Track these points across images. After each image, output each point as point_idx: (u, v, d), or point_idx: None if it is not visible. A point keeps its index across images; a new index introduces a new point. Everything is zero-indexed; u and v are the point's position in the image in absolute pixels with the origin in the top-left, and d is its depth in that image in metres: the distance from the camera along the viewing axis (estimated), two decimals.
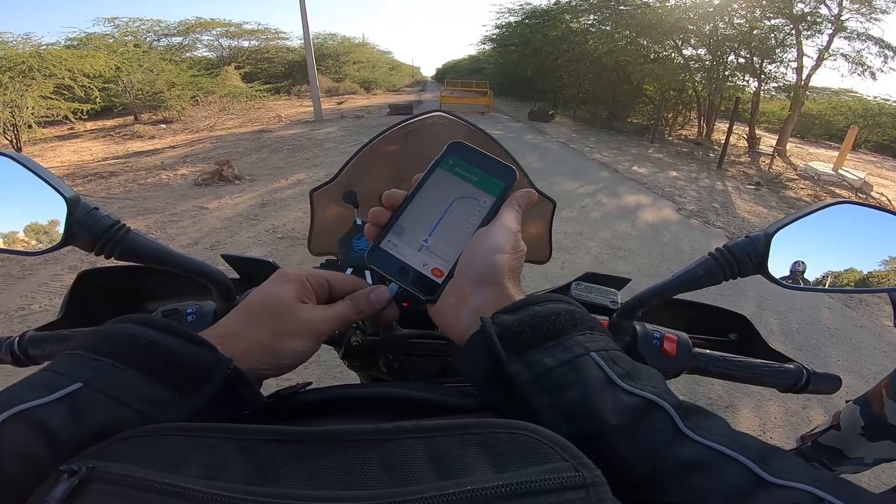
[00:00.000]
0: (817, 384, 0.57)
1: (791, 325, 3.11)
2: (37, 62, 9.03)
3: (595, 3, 15.63)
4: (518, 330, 0.32)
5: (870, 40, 10.49)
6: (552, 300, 0.35)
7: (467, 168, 0.42)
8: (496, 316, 0.33)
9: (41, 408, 0.26)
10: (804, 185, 8.06)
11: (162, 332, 0.31)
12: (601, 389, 0.30)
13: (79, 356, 0.30)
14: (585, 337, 0.32)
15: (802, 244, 0.47)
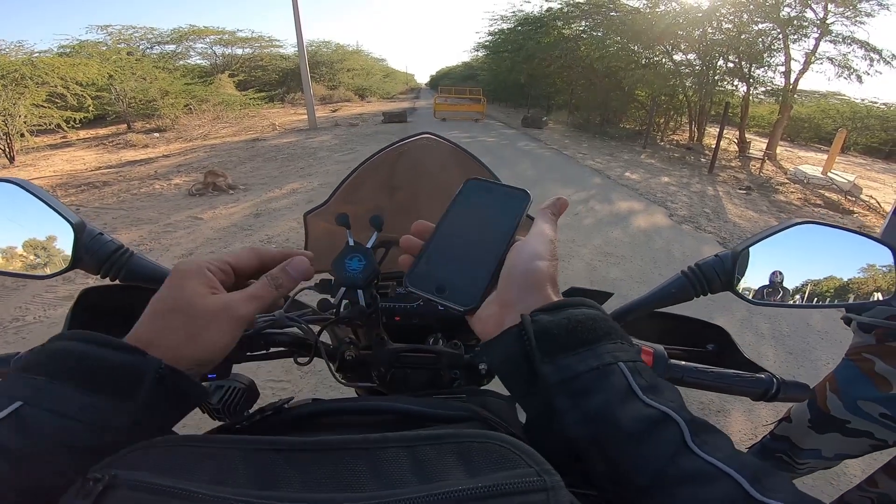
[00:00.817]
0: (787, 392, 0.60)
1: (782, 329, 3.16)
2: (29, 70, 9.03)
3: (586, 9, 15.78)
4: (554, 332, 0.34)
5: (855, 43, 10.65)
6: (587, 305, 0.37)
7: (485, 196, 0.46)
8: (535, 314, 0.35)
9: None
10: (794, 188, 8.16)
11: (92, 345, 0.33)
12: (623, 399, 0.32)
13: (15, 376, 0.31)
14: (615, 346, 0.34)
15: (769, 262, 0.50)
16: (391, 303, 0.71)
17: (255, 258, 0.42)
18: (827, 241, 0.50)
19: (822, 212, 6.76)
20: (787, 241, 0.49)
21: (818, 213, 6.71)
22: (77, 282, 3.36)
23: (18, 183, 0.40)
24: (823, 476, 1.91)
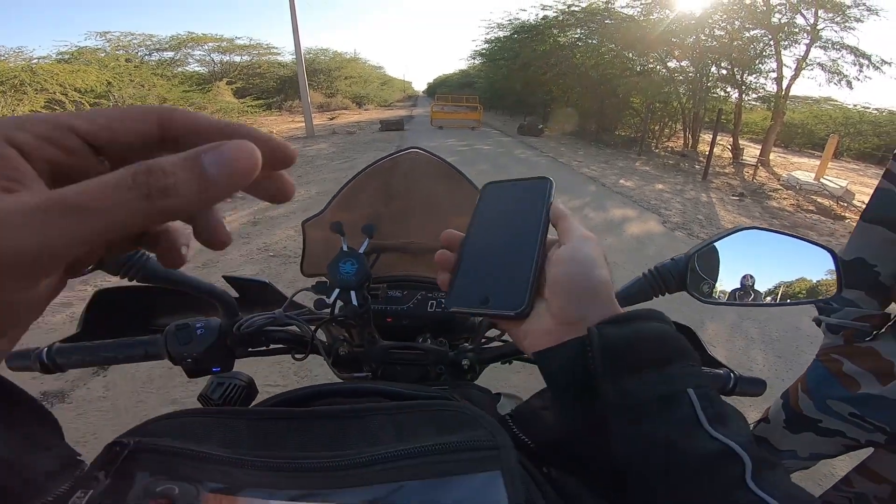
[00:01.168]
0: (744, 387, 0.66)
1: (771, 334, 3.21)
2: (28, 76, 9.11)
3: (581, 17, 15.95)
4: (621, 349, 0.31)
5: (845, 49, 10.84)
6: (656, 317, 0.34)
7: (507, 196, 0.44)
8: (602, 327, 0.32)
9: None
10: (787, 194, 8.26)
11: None
12: (688, 430, 0.29)
13: None
14: (685, 369, 0.32)
15: (722, 264, 0.56)
16: (382, 305, 0.77)
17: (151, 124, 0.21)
18: (774, 245, 0.55)
19: (815, 217, 6.85)
20: (737, 245, 0.54)
21: (811, 218, 6.79)
22: (75, 288, 3.39)
23: None
24: (813, 479, 1.96)
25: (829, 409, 1.04)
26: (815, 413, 1.07)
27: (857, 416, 0.99)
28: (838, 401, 1.02)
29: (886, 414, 0.96)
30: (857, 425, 1.00)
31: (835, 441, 1.07)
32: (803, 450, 1.14)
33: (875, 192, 0.99)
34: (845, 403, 1.00)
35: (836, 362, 1.03)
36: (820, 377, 1.07)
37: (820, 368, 1.07)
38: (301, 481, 0.30)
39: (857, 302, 1.02)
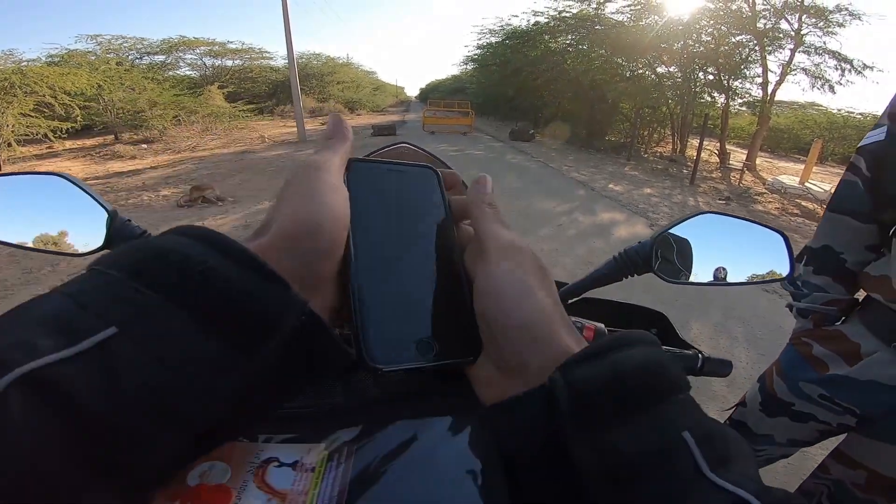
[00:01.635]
0: (711, 368, 0.69)
1: (755, 333, 3.28)
2: (18, 79, 9.06)
3: (572, 23, 16.13)
4: (595, 396, 0.24)
5: (827, 54, 11.10)
6: (634, 341, 0.26)
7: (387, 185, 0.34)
8: (568, 370, 0.24)
9: (62, 365, 0.18)
10: (772, 198, 8.41)
11: (221, 256, 0.22)
12: (688, 485, 0.23)
13: (114, 281, 0.21)
14: (677, 407, 0.25)
15: (683, 247, 0.60)
16: None
17: None
18: (731, 229, 0.60)
19: (799, 220, 6.98)
20: (698, 229, 0.59)
21: (795, 221, 6.93)
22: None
23: (63, 176, 0.49)
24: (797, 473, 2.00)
25: (800, 392, 1.07)
26: (788, 396, 1.10)
27: (826, 397, 1.03)
28: (808, 383, 1.05)
29: (854, 395, 0.99)
30: (827, 408, 1.03)
31: (808, 426, 1.10)
32: (780, 435, 1.16)
33: (839, 184, 1.05)
34: (815, 385, 1.04)
35: (807, 345, 1.07)
36: (792, 360, 1.10)
37: (792, 352, 1.11)
38: (294, 426, 0.33)
39: (825, 287, 1.07)
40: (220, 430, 0.23)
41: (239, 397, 0.22)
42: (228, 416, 0.22)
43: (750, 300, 3.75)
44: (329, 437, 0.31)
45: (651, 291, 3.36)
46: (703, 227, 0.59)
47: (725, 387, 2.57)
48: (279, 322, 0.22)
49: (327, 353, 0.25)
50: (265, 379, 0.23)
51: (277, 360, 0.23)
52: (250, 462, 0.29)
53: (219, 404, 0.21)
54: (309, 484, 0.28)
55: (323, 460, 0.29)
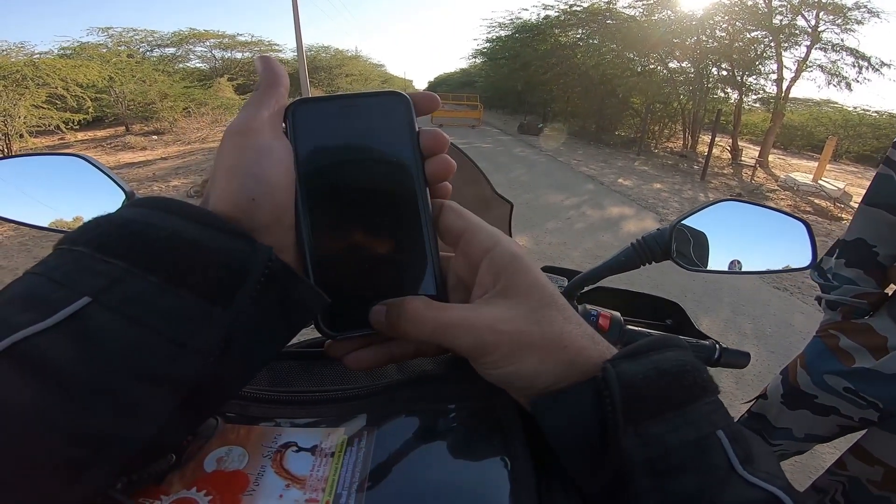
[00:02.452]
0: (729, 359, 0.69)
1: (764, 329, 3.25)
2: (31, 71, 9.11)
3: (583, 17, 15.95)
4: (642, 390, 0.25)
5: (845, 51, 10.88)
6: (671, 345, 0.28)
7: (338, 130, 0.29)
8: (617, 363, 0.26)
9: (40, 336, 0.19)
10: (784, 195, 8.31)
11: (184, 220, 0.23)
12: (722, 479, 0.25)
13: (81, 255, 0.22)
14: (710, 406, 0.27)
15: (702, 234, 0.59)
16: None
17: None
18: (752, 217, 0.59)
19: (812, 218, 6.88)
20: (717, 217, 0.58)
21: (808, 219, 6.81)
22: None
23: (83, 157, 0.49)
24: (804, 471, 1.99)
25: (824, 384, 1.06)
26: (811, 388, 1.09)
27: (851, 390, 1.01)
28: (834, 375, 1.04)
29: (879, 388, 0.98)
30: (851, 401, 1.02)
31: (830, 420, 1.09)
32: (799, 429, 1.15)
33: (875, 177, 1.03)
34: (840, 377, 1.03)
35: (833, 337, 1.06)
36: (817, 352, 1.09)
37: (818, 344, 1.10)
38: (312, 411, 0.33)
39: (856, 280, 1.06)
40: (207, 391, 0.23)
41: (219, 350, 0.22)
42: (212, 372, 0.22)
43: (760, 296, 3.72)
44: (348, 422, 0.31)
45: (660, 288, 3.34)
46: (723, 214, 0.58)
47: (734, 383, 2.56)
48: (247, 270, 0.23)
49: (302, 299, 0.25)
50: (244, 329, 0.23)
51: (252, 309, 0.23)
52: (268, 446, 0.28)
53: (199, 358, 0.21)
54: (328, 469, 0.27)
55: (342, 445, 0.28)
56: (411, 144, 0.29)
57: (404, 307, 0.28)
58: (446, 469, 0.29)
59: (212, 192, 0.26)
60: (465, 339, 0.27)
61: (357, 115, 0.29)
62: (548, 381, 0.27)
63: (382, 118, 0.29)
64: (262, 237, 0.25)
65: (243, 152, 0.26)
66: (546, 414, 0.27)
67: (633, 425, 0.25)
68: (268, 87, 0.28)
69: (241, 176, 0.25)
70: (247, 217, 0.25)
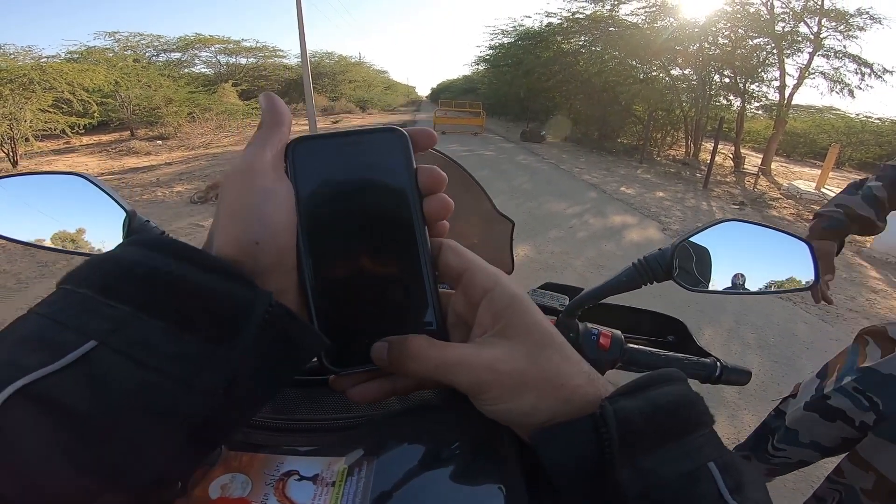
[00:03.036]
0: (730, 376, 0.68)
1: (768, 340, 3.23)
2: (38, 75, 9.18)
3: (586, 24, 16.03)
4: (639, 425, 0.26)
5: (847, 58, 10.91)
6: (666, 380, 0.29)
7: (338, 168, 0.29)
8: (615, 400, 0.27)
9: (51, 378, 0.20)
10: (787, 203, 8.29)
11: (184, 262, 0.24)
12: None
13: (86, 298, 0.23)
14: (704, 438, 0.28)
15: (704, 254, 0.59)
16: None
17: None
18: (754, 237, 0.59)
19: None
20: (719, 236, 0.58)
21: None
22: None
23: (83, 175, 0.49)
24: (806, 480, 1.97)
25: (840, 386, 1.07)
26: (830, 389, 1.09)
27: (858, 390, 1.03)
28: (849, 375, 1.06)
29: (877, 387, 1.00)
30: (857, 402, 1.03)
31: (835, 427, 1.09)
32: (805, 434, 1.15)
33: None
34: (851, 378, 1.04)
35: (864, 341, 1.10)
36: (851, 354, 1.12)
37: (854, 347, 1.13)
38: (314, 439, 0.33)
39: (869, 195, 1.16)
40: (214, 425, 0.23)
41: (225, 388, 0.23)
42: (218, 408, 0.23)
43: (763, 307, 3.70)
44: (349, 451, 0.31)
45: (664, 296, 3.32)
46: (725, 234, 0.58)
47: (736, 392, 2.54)
48: (248, 314, 0.23)
49: (302, 338, 0.26)
50: (247, 368, 0.24)
51: (255, 349, 0.24)
52: (270, 474, 0.28)
53: (205, 397, 0.22)
54: (329, 499, 0.27)
55: (343, 474, 0.29)
56: (409, 182, 0.29)
57: (407, 345, 0.29)
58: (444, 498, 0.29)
59: (216, 235, 0.26)
60: (465, 378, 0.28)
61: (356, 152, 0.29)
62: (544, 417, 0.28)
63: (381, 155, 0.29)
64: (266, 279, 0.26)
65: (247, 195, 0.26)
66: (546, 447, 0.28)
67: (629, 459, 0.26)
68: (271, 126, 0.28)
69: (245, 220, 0.26)
70: (251, 260, 0.26)
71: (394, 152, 0.29)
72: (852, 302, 4.12)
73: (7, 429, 0.18)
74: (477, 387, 0.28)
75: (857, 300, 4.20)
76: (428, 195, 0.30)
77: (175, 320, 0.22)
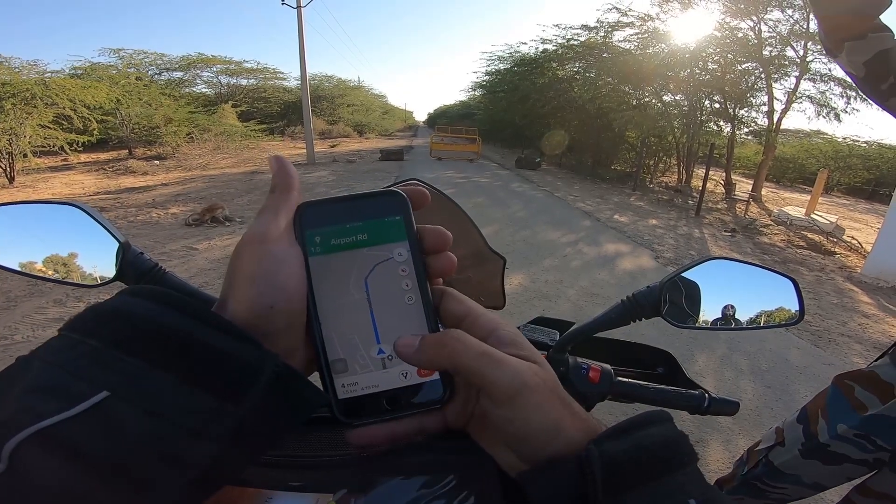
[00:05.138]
0: (718, 407, 0.69)
1: (760, 365, 3.23)
2: (41, 90, 9.20)
3: (580, 51, 16.33)
4: (624, 466, 0.28)
5: (833, 81, 11.06)
6: (654, 421, 0.31)
7: (343, 230, 0.31)
8: (601, 443, 0.28)
9: (66, 423, 0.21)
10: (778, 230, 8.39)
11: (196, 321, 0.25)
12: None
13: (96, 350, 0.24)
14: (686, 476, 0.29)
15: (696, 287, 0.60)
16: None
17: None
18: (740, 274, 0.60)
19: (805, 253, 6.93)
20: (706, 274, 0.59)
21: (801, 254, 6.88)
22: (68, 304, 3.40)
23: (78, 205, 0.49)
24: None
25: (836, 434, 1.07)
26: (826, 439, 1.09)
27: (861, 435, 1.03)
28: (845, 425, 1.06)
29: (887, 432, 1.00)
30: (861, 446, 1.03)
31: (841, 469, 1.09)
32: (808, 477, 1.15)
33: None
34: (850, 427, 1.05)
35: (850, 388, 1.09)
36: (836, 401, 1.11)
37: (836, 392, 1.12)
38: (303, 475, 0.33)
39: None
40: (219, 471, 0.25)
41: (231, 439, 0.24)
42: (224, 456, 0.24)
43: (756, 334, 3.71)
44: (337, 488, 0.31)
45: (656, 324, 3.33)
46: (712, 272, 0.59)
47: (732, 419, 2.53)
48: (256, 375, 0.25)
49: (304, 395, 0.27)
50: (254, 421, 0.25)
51: (262, 405, 0.25)
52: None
53: (213, 447, 0.23)
54: None
55: None
56: (412, 238, 0.31)
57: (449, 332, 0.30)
58: None
59: (230, 297, 0.28)
60: (507, 374, 0.28)
61: (360, 214, 0.31)
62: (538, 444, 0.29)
63: (383, 216, 0.31)
64: (277, 340, 0.28)
65: (262, 261, 0.28)
66: (532, 485, 0.29)
67: (613, 498, 0.27)
68: (283, 191, 0.30)
69: (260, 285, 0.27)
70: (264, 322, 0.27)
71: (395, 212, 0.31)
72: (844, 327, 4.14)
73: (24, 470, 0.20)
74: (515, 387, 0.28)
75: (849, 325, 4.22)
76: (434, 253, 0.32)
77: (186, 376, 0.24)
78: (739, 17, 11.59)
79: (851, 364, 3.39)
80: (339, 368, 0.30)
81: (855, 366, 3.40)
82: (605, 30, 15.04)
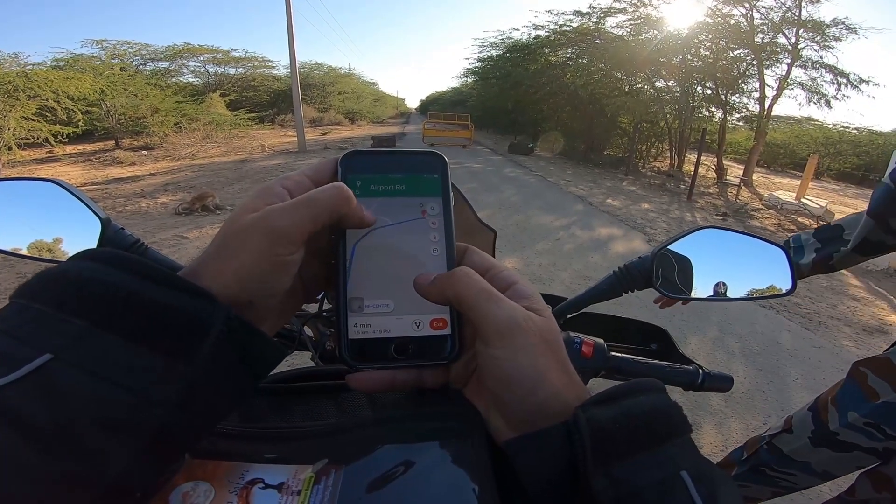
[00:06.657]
0: (712, 383, 0.69)
1: (752, 348, 3.27)
2: (23, 82, 9.09)
3: (572, 37, 16.23)
4: (613, 434, 0.27)
5: (824, 68, 11.13)
6: (644, 389, 0.30)
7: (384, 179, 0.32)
8: (588, 409, 0.28)
9: (6, 389, 0.20)
10: (769, 214, 8.45)
11: (143, 279, 0.24)
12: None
13: (41, 313, 0.23)
14: (677, 448, 0.28)
15: (688, 260, 0.60)
16: None
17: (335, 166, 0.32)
18: (731, 243, 0.60)
19: None
20: (699, 243, 0.59)
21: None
22: None
23: (58, 182, 0.48)
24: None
25: (847, 422, 1.07)
26: (836, 427, 1.10)
27: (871, 424, 1.03)
28: (857, 412, 1.06)
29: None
30: (871, 435, 1.04)
31: (851, 457, 1.10)
32: (817, 464, 1.16)
33: None
34: (860, 415, 1.05)
35: (863, 374, 1.08)
36: (849, 391, 1.11)
37: (850, 382, 1.12)
38: (280, 447, 0.32)
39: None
40: (173, 436, 0.24)
41: (183, 401, 0.23)
42: (174, 422, 0.23)
43: (747, 315, 3.75)
44: (316, 459, 0.30)
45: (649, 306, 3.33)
46: (704, 242, 0.58)
47: (723, 401, 2.56)
48: (207, 328, 0.24)
49: (262, 353, 0.27)
50: (206, 381, 0.24)
51: (212, 363, 0.24)
52: (234, 482, 0.28)
53: (161, 408, 0.22)
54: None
55: (309, 482, 0.28)
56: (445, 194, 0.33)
57: (459, 268, 0.30)
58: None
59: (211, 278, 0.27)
60: (502, 311, 0.29)
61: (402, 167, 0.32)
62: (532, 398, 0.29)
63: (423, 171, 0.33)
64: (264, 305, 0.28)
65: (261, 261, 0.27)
66: (519, 454, 0.28)
67: (603, 467, 0.26)
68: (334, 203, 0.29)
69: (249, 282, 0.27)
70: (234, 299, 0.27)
71: (435, 170, 0.33)
72: (833, 310, 4.20)
73: None
74: (511, 328, 0.28)
75: (839, 308, 4.27)
76: None
77: (132, 336, 0.23)
78: (732, 3, 11.58)
79: (841, 347, 3.44)
80: (355, 307, 0.31)
81: (844, 348, 3.48)
82: (597, 16, 14.98)
